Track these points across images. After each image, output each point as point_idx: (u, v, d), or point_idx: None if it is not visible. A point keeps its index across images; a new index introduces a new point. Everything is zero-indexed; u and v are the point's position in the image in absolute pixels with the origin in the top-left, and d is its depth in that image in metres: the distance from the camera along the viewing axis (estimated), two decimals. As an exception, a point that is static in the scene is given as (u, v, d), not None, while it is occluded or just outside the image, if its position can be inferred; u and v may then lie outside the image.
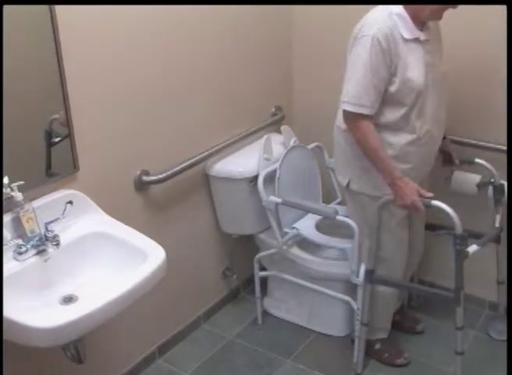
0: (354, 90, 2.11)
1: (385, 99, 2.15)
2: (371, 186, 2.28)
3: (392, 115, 2.17)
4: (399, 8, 2.09)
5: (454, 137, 2.53)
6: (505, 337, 2.63)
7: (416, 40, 2.12)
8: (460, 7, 2.10)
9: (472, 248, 2.17)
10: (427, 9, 2.09)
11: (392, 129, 2.19)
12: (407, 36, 2.10)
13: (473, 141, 2.57)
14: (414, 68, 2.11)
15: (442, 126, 2.31)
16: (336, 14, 2.76)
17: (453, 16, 2.13)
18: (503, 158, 2.42)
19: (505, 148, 2.43)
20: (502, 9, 2.23)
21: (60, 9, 1.88)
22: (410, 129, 2.19)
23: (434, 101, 2.20)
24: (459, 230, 2.10)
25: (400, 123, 2.18)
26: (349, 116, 2.17)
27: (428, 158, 2.32)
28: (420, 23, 2.13)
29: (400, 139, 2.20)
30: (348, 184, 2.34)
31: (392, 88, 2.12)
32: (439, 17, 2.14)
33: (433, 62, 2.18)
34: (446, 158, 2.49)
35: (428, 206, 2.16)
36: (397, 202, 2.19)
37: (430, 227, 2.56)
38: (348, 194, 2.41)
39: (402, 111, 2.16)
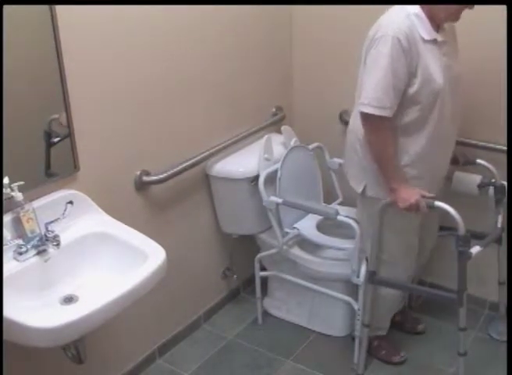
0: (374, 92, 2.06)
1: (404, 101, 2.11)
2: (384, 190, 2.23)
3: (409, 117, 2.14)
4: (416, 9, 2.07)
5: (462, 139, 2.53)
6: (505, 338, 2.63)
7: (434, 41, 2.10)
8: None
9: (475, 249, 2.16)
10: (443, 11, 2.07)
11: (410, 131, 2.16)
12: (425, 37, 2.07)
13: (473, 142, 2.57)
14: (433, 69, 2.08)
15: (457, 129, 2.30)
16: (336, 14, 2.75)
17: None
18: (504, 158, 2.42)
19: (505, 148, 2.43)
20: (502, 9, 2.23)
21: (60, 9, 1.88)
22: (427, 132, 2.16)
23: (450, 103, 2.18)
24: (462, 231, 2.09)
25: (417, 125, 2.15)
26: (369, 119, 2.11)
27: (443, 161, 2.30)
28: (436, 25, 2.12)
29: (417, 142, 2.17)
30: (363, 190, 2.30)
31: (412, 89, 2.09)
32: (456, 19, 2.12)
33: (449, 63, 2.15)
34: (453, 158, 2.48)
35: (431, 207, 2.16)
36: (400, 205, 2.17)
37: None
38: (362, 200, 2.36)
39: (420, 112, 2.12)
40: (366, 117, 2.12)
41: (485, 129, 2.56)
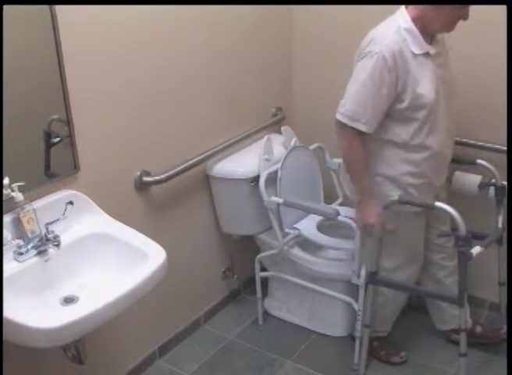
0: (351, 103, 2.10)
1: (396, 116, 2.13)
2: (383, 199, 2.24)
3: (403, 132, 2.15)
4: (407, 23, 2.07)
5: (455, 138, 2.53)
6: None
7: (426, 54, 2.10)
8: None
9: (476, 250, 2.15)
10: (436, 22, 2.06)
11: (406, 146, 2.17)
12: (416, 51, 2.07)
13: (473, 142, 2.56)
14: (424, 83, 2.09)
15: (453, 137, 2.31)
16: (336, 14, 2.75)
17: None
18: (504, 158, 2.42)
19: (505, 148, 2.42)
20: (504, 8, 2.23)
21: (60, 9, 1.88)
22: (423, 145, 2.17)
23: (446, 113, 2.18)
24: (462, 231, 2.09)
25: (412, 140, 2.16)
26: (342, 128, 2.15)
27: (441, 169, 2.30)
28: (429, 36, 2.11)
29: (415, 156, 2.18)
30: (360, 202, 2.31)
31: (402, 105, 2.10)
32: (451, 29, 2.10)
33: (443, 74, 2.16)
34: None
35: (432, 208, 2.16)
36: (361, 221, 2.27)
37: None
38: (359, 211, 2.36)
39: (414, 127, 2.14)
40: (340, 125, 2.15)
41: (485, 129, 2.56)
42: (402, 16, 2.09)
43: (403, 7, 2.12)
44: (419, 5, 2.05)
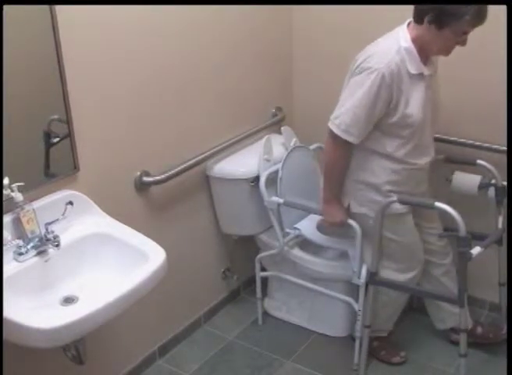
0: (346, 116, 2.13)
1: (383, 129, 2.17)
2: (368, 206, 2.29)
3: (388, 144, 2.19)
4: (408, 43, 2.09)
5: (456, 139, 2.53)
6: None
7: (420, 75, 2.12)
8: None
9: (475, 250, 2.15)
10: (435, 45, 2.09)
11: (389, 157, 2.21)
12: (412, 71, 2.10)
13: (470, 141, 2.56)
14: (414, 103, 2.13)
15: (434, 148, 2.34)
16: (336, 16, 2.75)
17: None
18: (504, 158, 2.42)
19: (505, 148, 2.42)
20: (504, 8, 2.23)
21: (60, 9, 1.88)
22: (405, 159, 2.21)
23: (429, 133, 2.25)
24: (462, 232, 2.09)
25: (396, 153, 2.20)
26: (332, 137, 2.19)
27: (421, 179, 2.33)
28: (425, 57, 2.14)
29: (397, 166, 2.22)
30: (349, 207, 2.35)
31: (390, 120, 2.14)
32: (447, 53, 2.13)
33: (432, 95, 2.19)
34: (450, 157, 2.49)
35: (432, 208, 2.16)
36: (327, 218, 2.37)
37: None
38: (352, 216, 2.39)
39: (398, 142, 2.18)
40: (332, 135, 2.19)
41: (484, 129, 2.56)
42: (403, 35, 2.11)
43: (405, 25, 2.13)
44: (420, 27, 2.07)
